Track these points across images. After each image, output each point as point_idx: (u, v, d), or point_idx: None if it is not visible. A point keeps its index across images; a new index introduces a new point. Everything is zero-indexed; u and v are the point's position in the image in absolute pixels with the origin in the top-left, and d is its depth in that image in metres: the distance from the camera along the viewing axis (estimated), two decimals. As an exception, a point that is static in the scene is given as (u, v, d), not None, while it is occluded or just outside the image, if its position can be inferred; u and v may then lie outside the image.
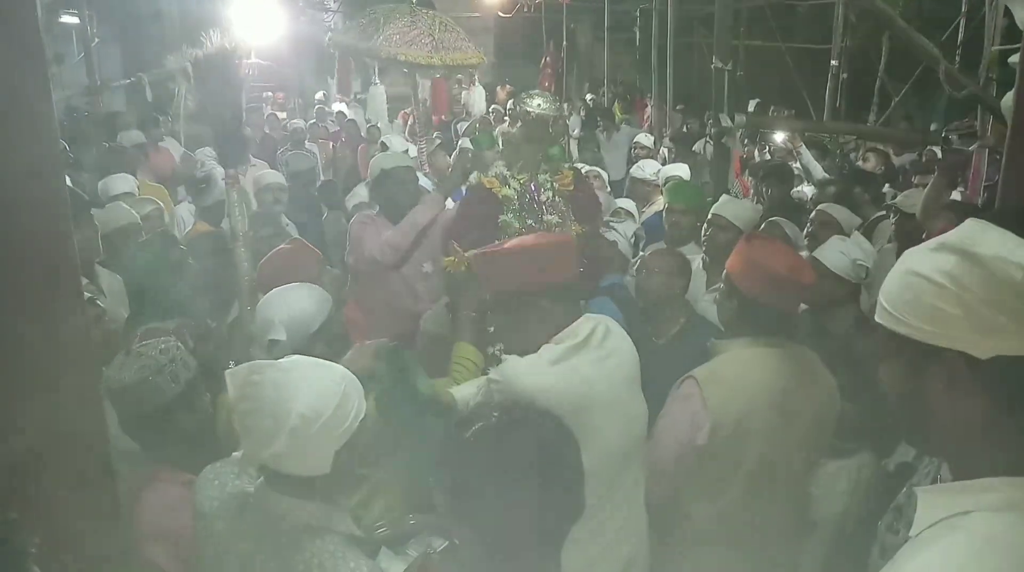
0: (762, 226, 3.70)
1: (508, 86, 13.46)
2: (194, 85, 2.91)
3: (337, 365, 1.60)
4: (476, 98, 6.04)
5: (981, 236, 0.98)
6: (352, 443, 1.53)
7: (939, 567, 0.94)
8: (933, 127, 8.61)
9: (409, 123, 8.10)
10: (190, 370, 1.93)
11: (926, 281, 1.00)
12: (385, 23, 3.76)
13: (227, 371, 1.55)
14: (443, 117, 7.98)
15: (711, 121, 3.78)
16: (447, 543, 2.06)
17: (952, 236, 1.01)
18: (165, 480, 1.92)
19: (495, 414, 1.33)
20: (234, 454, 1.58)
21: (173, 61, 2.90)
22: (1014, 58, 2.39)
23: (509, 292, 2.06)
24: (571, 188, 3.06)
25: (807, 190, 5.33)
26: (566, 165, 3.05)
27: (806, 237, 3.74)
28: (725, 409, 2.02)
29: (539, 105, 2.93)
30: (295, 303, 2.34)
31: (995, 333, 0.95)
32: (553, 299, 2.03)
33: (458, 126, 8.75)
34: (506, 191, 2.96)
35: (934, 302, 0.98)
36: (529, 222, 2.96)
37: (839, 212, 3.68)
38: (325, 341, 2.30)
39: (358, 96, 12.76)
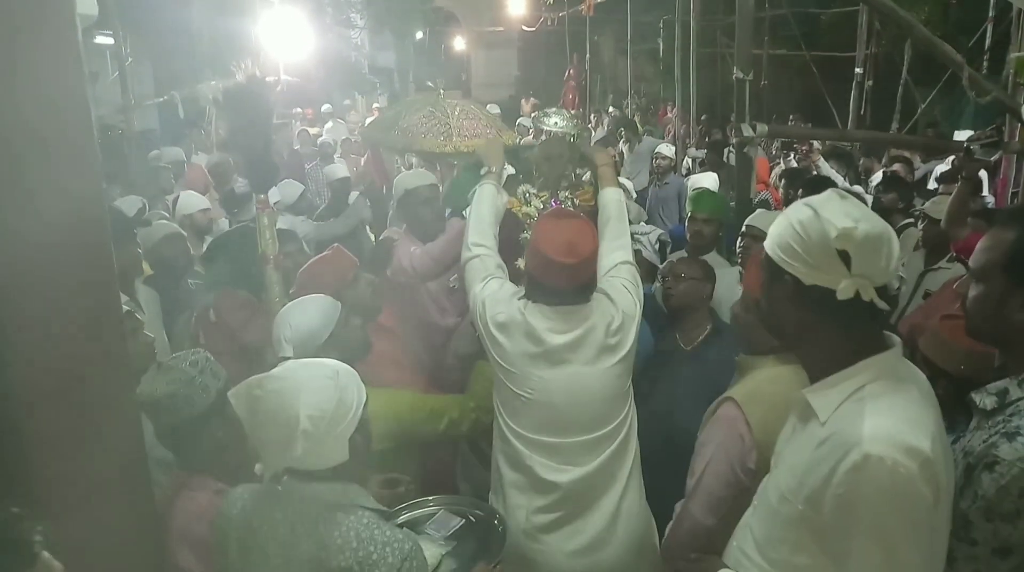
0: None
1: (533, 98, 13.59)
2: (224, 114, 3.00)
3: (327, 360, 1.69)
4: None
5: (830, 201, 1.41)
6: (362, 426, 1.63)
7: (883, 417, 1.34)
8: (956, 134, 8.52)
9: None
10: (220, 380, 1.98)
11: (789, 223, 1.43)
12: (405, 115, 3.85)
13: (230, 392, 1.64)
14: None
15: (733, 131, 3.79)
16: (463, 521, 2.18)
17: (815, 197, 1.44)
18: (196, 488, 1.97)
19: None
20: (257, 466, 1.64)
21: (204, 90, 3.01)
22: (1032, 65, 2.39)
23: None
24: (592, 203, 3.08)
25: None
26: (585, 178, 3.07)
27: None
28: (769, 428, 1.95)
29: (556, 123, 2.95)
30: (298, 319, 2.37)
31: (817, 269, 1.38)
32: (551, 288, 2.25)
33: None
34: (527, 210, 2.98)
35: (788, 239, 1.42)
36: None
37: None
38: (339, 349, 2.29)
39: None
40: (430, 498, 2.32)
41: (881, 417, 1.34)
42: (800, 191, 4.65)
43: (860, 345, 1.43)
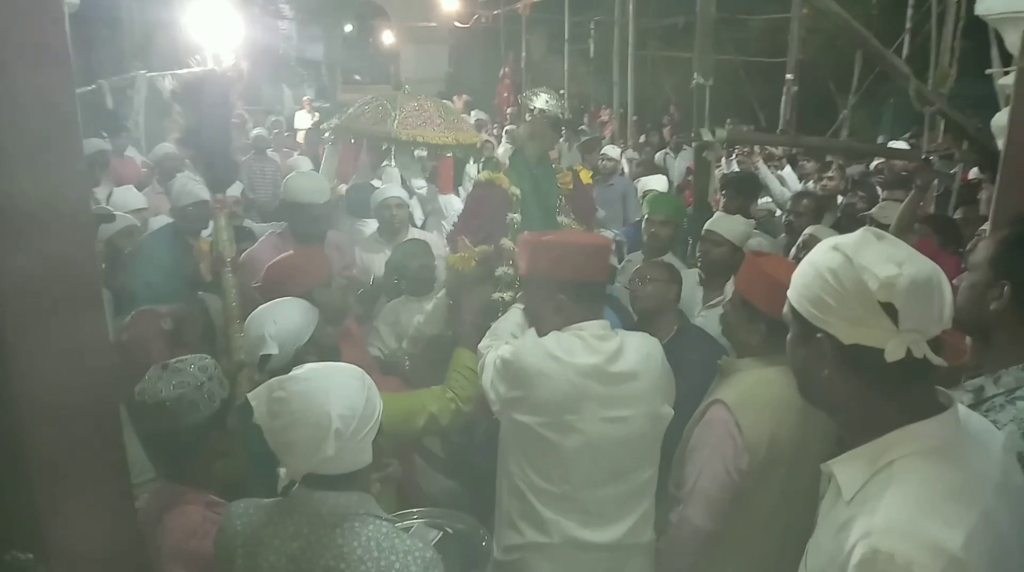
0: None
1: (465, 96, 13.53)
2: (181, 109, 2.89)
3: (345, 364, 1.65)
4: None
5: (864, 245, 1.19)
6: (382, 429, 1.63)
7: (902, 503, 1.12)
8: (880, 139, 8.96)
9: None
10: (224, 389, 1.92)
11: (818, 273, 1.22)
12: (395, 107, 3.83)
13: (249, 394, 1.57)
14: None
15: (693, 135, 3.88)
16: (441, 533, 2.20)
17: (846, 240, 1.22)
18: (190, 501, 1.89)
19: None
20: (280, 470, 1.59)
21: (163, 83, 2.90)
22: (1004, 80, 2.53)
23: (539, 279, 2.17)
24: (571, 187, 3.09)
25: (769, 203, 5.53)
26: (564, 165, 3.07)
27: (794, 258, 3.80)
28: (758, 431, 2.02)
29: (546, 101, 2.92)
30: (284, 317, 2.34)
31: (858, 325, 1.17)
32: (576, 294, 2.14)
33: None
34: (515, 189, 2.94)
35: (819, 292, 1.21)
36: None
37: (825, 233, 3.80)
38: (315, 352, 2.30)
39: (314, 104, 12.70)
40: (414, 511, 2.31)
41: (902, 504, 1.13)
42: (723, 191, 4.75)
43: (906, 409, 1.21)
